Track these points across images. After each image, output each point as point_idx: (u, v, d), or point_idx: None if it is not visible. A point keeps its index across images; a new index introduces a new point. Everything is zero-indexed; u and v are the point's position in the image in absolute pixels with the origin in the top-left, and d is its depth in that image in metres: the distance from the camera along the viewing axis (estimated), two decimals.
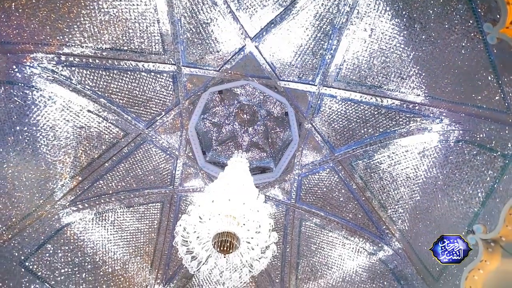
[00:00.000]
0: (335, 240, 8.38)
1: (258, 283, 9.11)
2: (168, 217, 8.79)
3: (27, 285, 6.08)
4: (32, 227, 6.47)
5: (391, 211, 7.25)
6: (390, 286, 7.10)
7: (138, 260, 8.45)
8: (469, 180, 5.34)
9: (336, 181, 8.05)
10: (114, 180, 7.84)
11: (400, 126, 6.42)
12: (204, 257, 4.19)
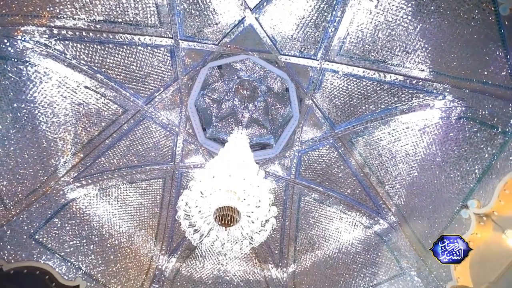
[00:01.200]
0: (333, 214, 8.65)
1: (258, 254, 9.57)
2: (170, 193, 9.02)
3: (38, 256, 6.39)
4: (38, 202, 6.66)
5: (389, 186, 7.40)
6: (383, 257, 7.45)
7: (143, 233, 8.81)
8: (467, 157, 5.39)
9: (336, 158, 8.13)
10: (116, 157, 7.92)
11: (402, 103, 6.33)
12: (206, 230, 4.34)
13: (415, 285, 6.49)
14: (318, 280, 8.43)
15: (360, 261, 7.82)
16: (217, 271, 9.27)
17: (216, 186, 4.49)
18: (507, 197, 4.73)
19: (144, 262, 8.63)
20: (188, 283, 8.95)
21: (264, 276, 9.31)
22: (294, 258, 9.30)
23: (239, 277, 9.27)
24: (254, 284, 9.16)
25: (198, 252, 9.45)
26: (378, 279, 7.21)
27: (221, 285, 9.02)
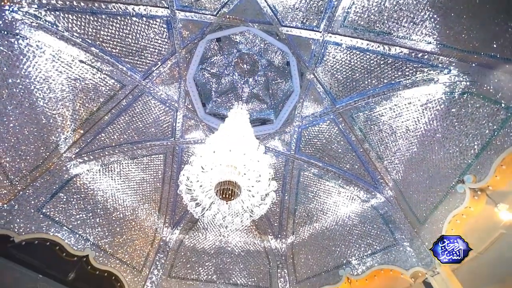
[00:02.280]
0: (331, 188, 8.85)
1: (258, 226, 9.96)
2: (172, 168, 9.15)
3: (47, 228, 6.66)
4: (42, 178, 6.78)
5: (387, 162, 7.48)
6: (378, 229, 7.75)
7: (146, 207, 9.08)
8: (468, 133, 5.39)
9: (336, 133, 8.13)
10: (116, 133, 7.92)
11: (405, 77, 6.18)
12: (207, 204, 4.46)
13: (408, 255, 6.82)
14: (315, 250, 8.85)
15: (356, 233, 8.14)
16: (219, 242, 9.71)
17: (217, 161, 4.53)
18: (503, 172, 4.81)
19: (149, 234, 9.01)
20: (191, 253, 9.41)
21: (264, 246, 9.77)
22: (293, 230, 9.68)
23: (240, 247, 9.73)
24: (254, 254, 9.64)
25: (200, 225, 9.82)
26: (372, 249, 7.56)
27: (223, 255, 9.50)
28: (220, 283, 8.80)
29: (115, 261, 7.73)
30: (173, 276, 8.80)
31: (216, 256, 9.47)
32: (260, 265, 9.43)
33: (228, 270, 9.19)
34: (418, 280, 6.67)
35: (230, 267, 9.28)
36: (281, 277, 9.06)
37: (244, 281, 9.01)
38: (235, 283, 8.94)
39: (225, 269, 9.20)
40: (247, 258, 9.54)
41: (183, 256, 9.30)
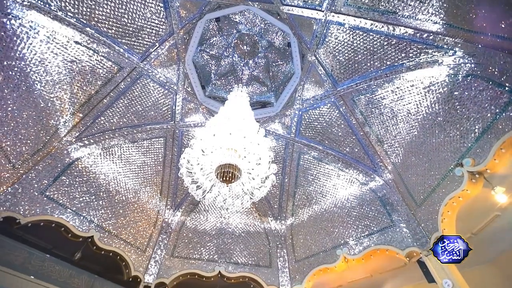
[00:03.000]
0: (331, 171, 8.93)
1: (258, 208, 10.16)
2: (172, 151, 9.19)
3: (52, 211, 6.80)
4: (44, 161, 6.83)
5: (387, 145, 7.49)
6: (376, 211, 7.91)
7: (148, 189, 9.22)
8: (469, 116, 5.35)
9: (337, 116, 8.08)
10: (115, 116, 7.87)
11: (409, 59, 6.04)
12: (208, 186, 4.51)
13: (403, 236, 7.01)
14: (314, 231, 9.08)
15: (354, 215, 8.32)
16: (220, 223, 9.95)
17: (217, 144, 4.53)
18: (502, 155, 4.83)
19: (152, 216, 9.22)
20: (193, 234, 9.67)
21: (264, 228, 10.02)
22: (292, 212, 9.89)
23: (240, 228, 9.98)
24: (254, 235, 9.91)
25: (201, 207, 10.02)
26: (369, 231, 7.76)
27: (224, 236, 9.77)
28: (221, 262, 9.12)
29: (119, 242, 7.97)
30: (175, 255, 9.11)
31: (217, 237, 9.74)
32: (260, 245, 9.72)
33: (229, 250, 9.49)
34: (413, 259, 6.91)
35: (231, 247, 9.57)
36: (281, 256, 9.37)
37: (244, 261, 9.33)
38: (236, 262, 9.26)
39: (226, 249, 9.50)
40: (248, 238, 9.82)
41: (185, 237, 9.57)
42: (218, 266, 8.98)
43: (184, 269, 8.81)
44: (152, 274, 8.41)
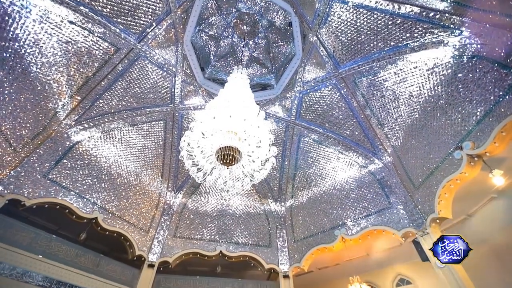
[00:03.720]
0: (330, 154, 8.98)
1: (258, 190, 10.32)
2: (172, 134, 9.19)
3: (55, 193, 6.91)
4: (45, 145, 6.85)
5: (388, 128, 7.47)
6: (374, 193, 8.03)
7: (149, 172, 9.31)
8: (472, 99, 5.29)
9: (337, 99, 7.99)
10: (114, 99, 7.79)
11: (414, 39, 5.87)
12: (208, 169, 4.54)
13: (400, 217, 7.17)
14: (313, 213, 9.28)
15: (353, 197, 8.46)
16: (221, 205, 10.15)
17: (217, 127, 4.51)
18: (502, 138, 4.82)
19: (154, 198, 9.38)
20: (195, 216, 9.90)
21: (264, 209, 10.23)
22: (292, 194, 10.06)
23: (241, 210, 10.20)
24: (254, 216, 10.13)
25: (202, 189, 10.18)
26: (367, 212, 7.93)
27: (224, 217, 10.00)
28: (222, 242, 9.40)
29: (122, 223, 8.17)
30: (178, 236, 9.37)
31: (218, 218, 9.97)
32: (260, 226, 9.97)
33: (230, 231, 9.75)
34: (408, 239, 7.10)
35: (232, 228, 9.83)
36: (280, 236, 9.65)
37: (245, 241, 9.61)
38: (237, 242, 9.55)
39: (227, 230, 9.76)
40: (248, 220, 10.06)
41: (186, 218, 9.80)
42: (219, 246, 9.26)
43: (187, 248, 9.10)
44: (156, 253, 8.70)
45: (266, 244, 9.59)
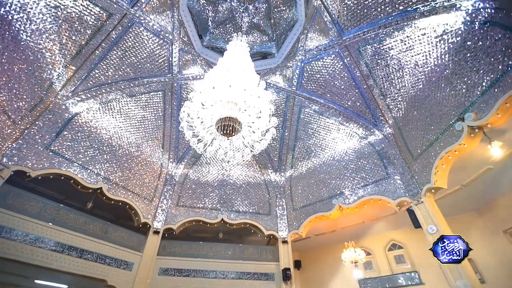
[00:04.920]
0: (331, 125, 8.95)
1: (258, 161, 10.47)
2: (171, 105, 9.08)
3: (59, 164, 7.02)
4: (44, 117, 6.81)
5: (390, 99, 7.36)
6: (373, 164, 8.15)
7: (150, 143, 9.37)
8: (479, 69, 5.12)
9: (340, 68, 7.76)
10: (110, 69, 7.57)
11: (424, 3, 5.52)
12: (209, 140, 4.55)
13: (397, 187, 7.35)
14: (312, 183, 9.52)
15: (352, 167, 8.61)
16: (222, 175, 10.38)
17: (217, 97, 4.43)
18: (506, 110, 4.76)
19: (155, 169, 9.55)
20: (196, 186, 10.17)
21: (264, 179, 10.48)
22: (292, 165, 10.23)
23: (241, 180, 10.45)
24: (255, 186, 10.41)
25: (203, 160, 10.33)
26: (365, 182, 8.12)
27: (225, 187, 10.28)
28: (224, 211, 9.78)
29: (127, 193, 8.42)
30: (181, 205, 9.72)
31: (220, 187, 10.25)
32: (260, 195, 10.29)
33: (231, 200, 10.09)
34: (403, 208, 7.36)
35: (233, 197, 10.16)
36: (279, 205, 10.01)
37: (245, 209, 9.99)
38: (238, 210, 9.93)
39: (228, 199, 10.09)
40: (248, 189, 10.35)
41: (188, 188, 10.08)
42: (221, 214, 9.66)
43: (189, 216, 9.50)
44: (160, 221, 9.10)
45: (266, 212, 9.99)
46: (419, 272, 9.11)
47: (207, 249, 9.20)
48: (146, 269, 8.11)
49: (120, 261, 7.70)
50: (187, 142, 9.01)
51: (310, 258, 11.77)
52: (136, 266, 8.03)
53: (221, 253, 9.16)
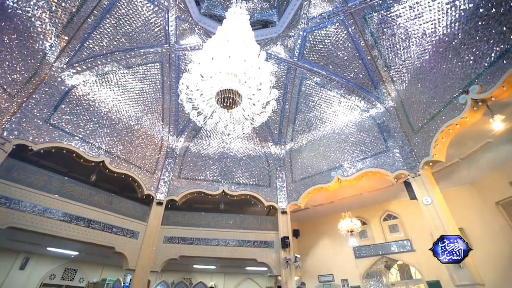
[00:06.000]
0: (332, 98, 8.82)
1: (258, 134, 10.48)
2: (170, 77, 8.86)
3: (60, 138, 7.02)
4: (40, 90, 6.67)
5: (394, 71, 7.16)
6: (373, 137, 8.16)
7: (149, 117, 9.30)
8: (489, 38, 4.89)
9: (344, 38, 7.45)
10: (104, 39, 7.26)
11: None
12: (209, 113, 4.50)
13: (395, 160, 7.44)
14: (312, 156, 9.62)
15: (352, 141, 8.63)
16: (222, 148, 10.46)
17: (216, 68, 4.31)
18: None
19: (156, 142, 9.59)
20: (197, 158, 10.29)
21: (264, 152, 10.58)
22: (292, 138, 10.26)
23: (241, 153, 10.55)
24: (255, 159, 10.54)
25: (203, 133, 10.34)
26: (364, 155, 8.20)
27: (226, 160, 10.41)
28: (224, 183, 10.01)
29: (129, 166, 8.55)
30: (182, 177, 9.92)
31: (220, 160, 10.38)
32: (260, 168, 10.46)
33: (231, 172, 10.28)
34: (400, 180, 7.52)
35: (233, 170, 10.33)
36: (279, 177, 10.22)
37: (246, 181, 10.21)
38: (238, 182, 10.16)
39: (229, 171, 10.28)
40: (249, 162, 10.49)
41: (189, 161, 10.21)
42: (222, 186, 9.90)
43: (191, 188, 9.74)
44: (163, 192, 9.35)
45: (266, 184, 10.23)
46: (411, 240, 9.56)
47: (209, 219, 9.58)
48: (151, 238, 8.52)
49: (126, 230, 8.06)
50: (187, 115, 8.94)
51: (308, 227, 12.29)
52: (142, 235, 8.42)
53: (222, 222, 9.55)
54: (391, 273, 10.38)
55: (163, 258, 8.50)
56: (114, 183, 9.62)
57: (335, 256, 11.04)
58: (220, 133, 10.29)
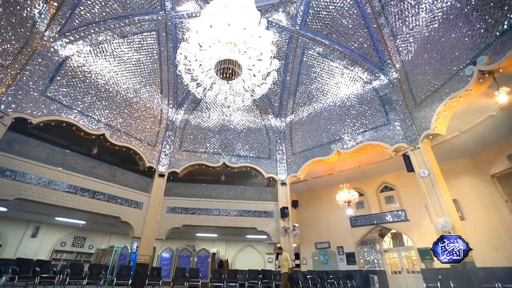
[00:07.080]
0: (335, 69, 8.56)
1: (259, 106, 10.36)
2: (167, 47, 8.52)
3: (58, 111, 6.94)
4: (33, 60, 6.46)
5: (400, 40, 6.86)
6: (375, 110, 8.07)
7: (148, 89, 9.12)
8: (504, 4, 4.60)
9: (350, 4, 7.03)
10: (96, 5, 6.86)
11: None
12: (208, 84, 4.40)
13: (396, 133, 7.43)
14: (312, 128, 9.59)
15: (353, 113, 8.55)
16: (222, 120, 10.41)
17: (215, 37, 4.12)
18: None
19: (156, 115, 9.51)
20: (197, 131, 10.28)
21: (265, 125, 10.54)
22: (292, 110, 10.16)
23: (242, 125, 10.51)
24: (255, 131, 10.54)
25: (203, 105, 10.21)
26: (364, 128, 8.17)
27: (226, 132, 10.41)
28: (225, 155, 10.11)
29: (129, 138, 8.57)
30: (183, 149, 10.00)
31: (220, 133, 10.39)
32: (260, 140, 10.50)
33: (231, 145, 10.34)
34: (399, 153, 7.57)
35: (234, 142, 10.38)
36: (279, 150, 10.30)
37: (246, 153, 10.31)
38: (238, 154, 10.26)
39: (229, 144, 10.33)
40: (249, 134, 10.50)
41: (190, 134, 10.22)
42: (222, 158, 10.02)
43: (192, 160, 9.87)
44: (164, 165, 9.49)
45: (266, 157, 10.35)
46: (406, 211, 9.90)
47: (210, 190, 9.84)
48: (155, 208, 8.82)
49: (130, 201, 8.32)
50: (186, 87, 8.76)
51: (307, 198, 12.67)
52: (146, 205, 8.71)
53: (223, 194, 9.83)
54: (385, 241, 10.92)
55: (167, 227, 8.87)
56: (116, 156, 9.73)
57: (332, 225, 11.52)
58: (220, 105, 10.16)
